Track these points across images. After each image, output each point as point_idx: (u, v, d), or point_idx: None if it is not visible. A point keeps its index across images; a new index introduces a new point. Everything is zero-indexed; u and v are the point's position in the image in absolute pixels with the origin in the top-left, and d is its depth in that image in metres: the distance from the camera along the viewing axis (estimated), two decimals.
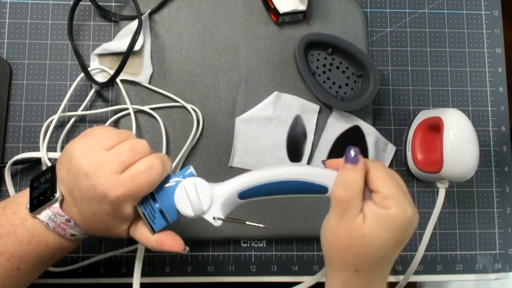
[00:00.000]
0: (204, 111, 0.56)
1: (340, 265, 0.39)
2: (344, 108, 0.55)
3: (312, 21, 0.58)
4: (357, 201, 0.37)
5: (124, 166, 0.37)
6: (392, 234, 0.37)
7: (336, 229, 0.38)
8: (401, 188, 0.39)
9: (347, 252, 0.38)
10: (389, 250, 0.38)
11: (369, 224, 0.37)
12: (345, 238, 0.38)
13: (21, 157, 0.52)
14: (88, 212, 0.38)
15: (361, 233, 0.37)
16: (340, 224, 0.38)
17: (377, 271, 0.39)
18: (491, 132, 0.60)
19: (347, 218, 0.37)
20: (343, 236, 0.38)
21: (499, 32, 0.61)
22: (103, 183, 0.36)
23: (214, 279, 0.55)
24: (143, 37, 0.55)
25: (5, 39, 0.56)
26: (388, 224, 0.37)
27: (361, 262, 0.38)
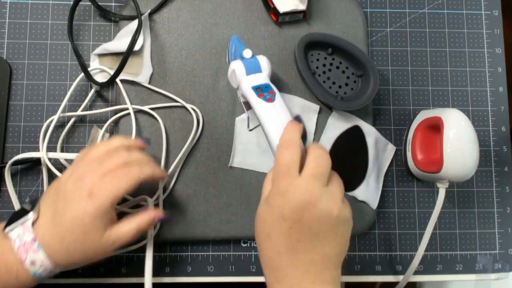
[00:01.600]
0: (204, 111, 0.56)
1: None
2: (344, 108, 0.55)
3: (312, 21, 0.58)
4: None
5: (106, 170, 0.41)
6: (269, 208, 0.39)
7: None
8: (289, 168, 0.39)
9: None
10: (270, 224, 0.39)
11: (261, 202, 0.42)
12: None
13: (21, 157, 0.52)
14: (69, 217, 0.40)
15: (257, 210, 0.42)
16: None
17: (268, 245, 0.39)
18: (491, 132, 0.60)
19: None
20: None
21: (499, 32, 0.61)
22: (89, 183, 0.40)
23: (214, 279, 0.55)
24: (143, 37, 0.55)
25: (5, 39, 0.56)
26: (267, 200, 0.40)
27: (256, 239, 0.41)
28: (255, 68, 0.50)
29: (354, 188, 0.55)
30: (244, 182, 0.55)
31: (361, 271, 0.56)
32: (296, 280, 0.38)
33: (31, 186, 0.54)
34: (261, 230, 0.40)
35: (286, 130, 0.43)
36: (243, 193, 0.55)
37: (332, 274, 0.39)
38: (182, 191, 0.54)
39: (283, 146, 0.41)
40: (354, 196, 0.55)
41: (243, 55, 0.51)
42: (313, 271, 0.38)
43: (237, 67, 0.49)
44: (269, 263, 0.39)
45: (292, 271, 0.38)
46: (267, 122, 0.45)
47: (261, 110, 0.46)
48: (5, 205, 0.54)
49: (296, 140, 0.41)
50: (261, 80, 0.49)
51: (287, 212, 0.38)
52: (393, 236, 0.57)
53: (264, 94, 0.46)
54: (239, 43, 0.52)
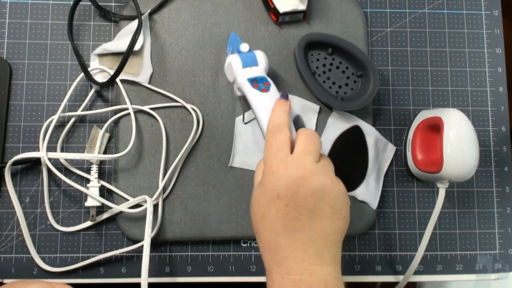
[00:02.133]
0: (204, 111, 0.56)
1: None
2: (344, 108, 0.55)
3: (312, 21, 0.58)
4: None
5: None
6: (263, 189, 0.39)
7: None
8: (280, 148, 0.39)
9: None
10: (266, 205, 0.38)
11: (255, 186, 0.42)
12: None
13: (21, 157, 0.51)
14: None
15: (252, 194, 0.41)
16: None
17: (265, 227, 0.38)
18: (491, 132, 0.60)
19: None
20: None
21: (499, 32, 0.61)
22: None
23: (214, 279, 0.55)
24: (143, 37, 0.55)
25: (5, 39, 0.56)
26: (261, 182, 0.40)
27: (253, 223, 0.40)
28: (252, 62, 0.50)
29: (354, 188, 0.55)
30: (244, 182, 0.55)
31: (361, 271, 0.56)
32: (296, 261, 0.36)
33: (31, 186, 0.54)
34: (256, 212, 0.39)
35: (274, 112, 0.43)
36: (243, 193, 0.55)
37: (332, 253, 0.38)
38: (182, 191, 0.54)
39: (272, 129, 0.41)
40: (354, 196, 0.55)
41: (240, 49, 0.51)
42: (312, 251, 0.37)
43: (234, 60, 0.50)
44: (267, 245, 0.38)
45: (291, 252, 0.37)
46: (260, 111, 0.45)
47: (255, 99, 0.46)
48: (5, 205, 0.54)
49: (284, 122, 0.41)
50: (257, 73, 0.49)
51: (281, 189, 0.37)
52: (393, 236, 0.57)
53: (259, 85, 0.47)
54: (236, 39, 0.52)
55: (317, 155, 0.40)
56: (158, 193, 0.53)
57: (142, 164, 0.54)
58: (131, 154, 0.54)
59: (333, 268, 0.38)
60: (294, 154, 0.39)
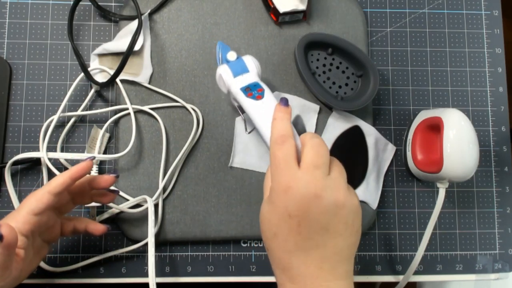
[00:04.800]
0: (204, 111, 0.56)
1: None
2: (344, 108, 0.55)
3: (312, 21, 0.58)
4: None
5: None
6: (273, 207, 0.38)
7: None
8: (287, 162, 0.38)
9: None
10: (277, 224, 0.37)
11: (263, 201, 0.40)
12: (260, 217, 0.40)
13: (21, 157, 0.51)
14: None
15: (260, 210, 0.40)
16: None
17: (277, 246, 0.37)
18: (491, 132, 0.60)
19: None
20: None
21: (499, 32, 0.61)
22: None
23: (214, 279, 0.55)
24: (143, 37, 0.55)
25: (5, 39, 0.56)
26: (269, 199, 0.39)
27: (264, 241, 0.39)
28: (242, 69, 0.49)
29: (354, 188, 0.55)
30: (244, 182, 0.55)
31: (361, 271, 0.56)
32: (310, 278, 0.36)
33: (31, 186, 0.54)
34: (267, 230, 0.38)
35: (276, 122, 0.40)
36: (243, 193, 0.55)
37: (345, 268, 0.37)
38: (182, 191, 0.54)
39: (276, 141, 0.39)
40: None
41: (227, 58, 0.50)
42: (326, 267, 0.36)
43: (223, 71, 0.49)
44: (279, 263, 0.37)
45: (305, 269, 0.36)
46: (258, 120, 0.45)
47: (251, 109, 0.45)
48: (5, 205, 0.54)
49: (287, 132, 0.39)
50: (250, 80, 0.48)
51: (292, 209, 0.36)
52: (393, 236, 0.57)
53: (253, 93, 0.46)
54: (224, 47, 0.51)
55: (326, 168, 0.38)
56: (158, 193, 0.53)
57: (142, 164, 0.54)
58: (131, 154, 0.54)
59: (347, 282, 0.37)
60: (303, 168, 0.37)
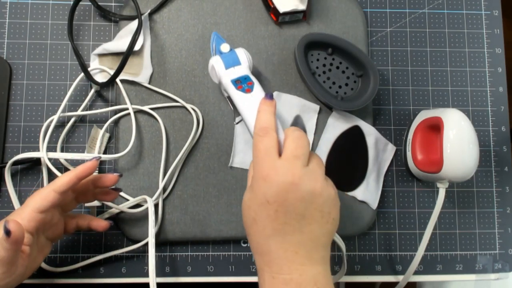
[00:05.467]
0: (204, 111, 0.56)
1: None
2: (344, 108, 0.55)
3: (312, 21, 0.58)
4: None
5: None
6: (253, 194, 0.39)
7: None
8: (268, 151, 0.39)
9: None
10: (256, 210, 0.39)
11: (246, 189, 0.42)
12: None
13: (21, 157, 0.51)
14: None
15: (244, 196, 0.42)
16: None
17: (256, 231, 0.39)
18: (491, 132, 0.60)
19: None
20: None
21: (499, 32, 0.61)
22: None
23: (214, 279, 0.55)
24: (143, 37, 0.55)
25: (5, 39, 0.56)
26: (251, 187, 0.40)
27: (245, 226, 0.41)
28: (234, 62, 0.49)
29: (354, 188, 0.55)
30: (244, 182, 0.55)
31: (361, 271, 0.56)
32: (286, 262, 0.38)
33: (31, 186, 0.54)
34: (247, 216, 0.40)
35: (259, 114, 0.42)
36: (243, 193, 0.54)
37: (321, 254, 0.39)
38: (182, 191, 0.54)
39: (259, 133, 0.40)
40: (354, 196, 0.55)
41: (221, 50, 0.51)
42: (302, 252, 0.38)
43: (216, 62, 0.49)
44: (258, 248, 0.39)
45: (281, 254, 0.38)
46: (245, 112, 0.45)
47: (240, 101, 0.46)
48: (5, 205, 0.54)
49: (271, 124, 0.40)
50: (241, 72, 0.49)
51: (271, 195, 0.38)
52: (393, 236, 0.57)
53: (243, 86, 0.47)
54: (218, 39, 0.52)
55: (305, 159, 0.39)
56: (158, 193, 0.53)
57: (142, 164, 0.54)
58: (131, 154, 0.54)
59: (323, 267, 0.39)
60: (283, 158, 0.39)
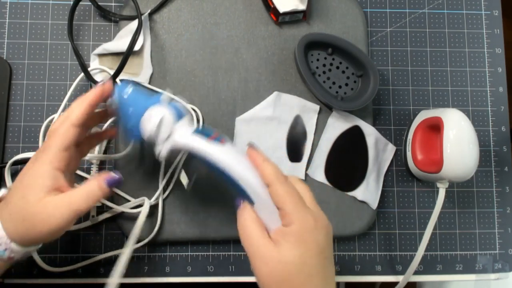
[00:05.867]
0: (204, 111, 0.56)
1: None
2: (344, 108, 0.55)
3: (312, 21, 0.58)
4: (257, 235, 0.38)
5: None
6: (307, 248, 0.36)
7: (257, 268, 0.37)
8: (300, 199, 0.38)
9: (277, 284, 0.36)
10: (311, 263, 0.37)
11: (279, 247, 0.36)
12: (267, 271, 0.36)
13: (21, 157, 0.51)
14: (14, 184, 0.39)
15: (277, 260, 0.36)
16: (255, 262, 0.37)
17: (309, 284, 0.37)
18: (491, 132, 0.60)
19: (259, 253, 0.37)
20: (265, 271, 0.37)
21: (499, 32, 0.61)
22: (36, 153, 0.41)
23: (214, 279, 0.55)
24: (143, 37, 0.55)
25: (5, 39, 0.56)
26: (297, 241, 0.36)
27: (293, 285, 0.36)
28: (179, 112, 0.42)
29: (354, 188, 0.55)
30: None
31: (361, 271, 0.56)
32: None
33: None
34: (299, 273, 0.36)
35: (265, 165, 0.40)
36: None
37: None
38: (182, 191, 0.54)
39: (281, 180, 0.38)
40: (354, 196, 0.55)
41: (160, 99, 0.42)
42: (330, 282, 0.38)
43: (166, 114, 0.41)
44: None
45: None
46: (234, 165, 0.40)
47: (221, 155, 0.40)
48: None
49: (280, 171, 0.40)
50: (193, 125, 0.43)
51: (324, 243, 0.37)
52: (393, 236, 0.57)
53: (214, 137, 0.41)
54: (123, 86, 0.44)
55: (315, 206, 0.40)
56: (158, 193, 0.53)
57: (142, 165, 0.54)
58: (131, 154, 0.54)
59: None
60: (312, 206, 0.39)
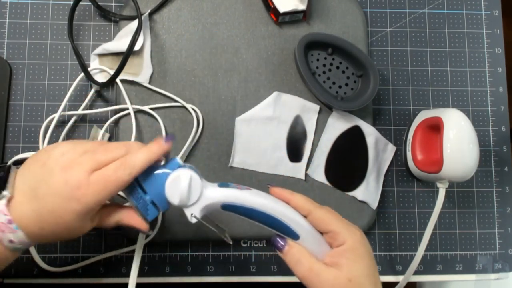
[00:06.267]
0: (204, 111, 0.56)
1: None
2: (344, 108, 0.55)
3: (312, 21, 0.58)
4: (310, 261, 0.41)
5: (97, 165, 0.38)
6: (365, 259, 0.40)
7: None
8: (340, 217, 0.42)
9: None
10: (374, 272, 0.41)
11: (341, 267, 0.39)
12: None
13: (21, 157, 0.51)
14: (49, 208, 0.37)
15: (345, 279, 0.39)
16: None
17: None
18: (491, 132, 0.60)
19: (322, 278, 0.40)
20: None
21: (499, 32, 0.61)
22: (75, 179, 0.37)
23: (214, 279, 0.55)
24: (143, 37, 0.55)
25: (5, 39, 0.56)
26: (356, 255, 0.40)
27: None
28: (197, 170, 0.42)
29: (354, 188, 0.55)
30: (244, 182, 0.55)
31: None
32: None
33: None
34: (369, 285, 0.40)
35: (297, 198, 0.42)
36: None
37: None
38: None
39: (327, 214, 0.41)
40: (354, 196, 0.55)
41: (178, 163, 0.41)
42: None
43: (192, 174, 0.40)
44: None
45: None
46: (272, 204, 0.40)
47: (257, 197, 0.40)
48: None
49: (315, 202, 0.42)
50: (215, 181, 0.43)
51: (370, 248, 0.42)
52: (393, 236, 0.57)
53: (239, 187, 0.41)
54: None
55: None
56: None
57: None
58: None
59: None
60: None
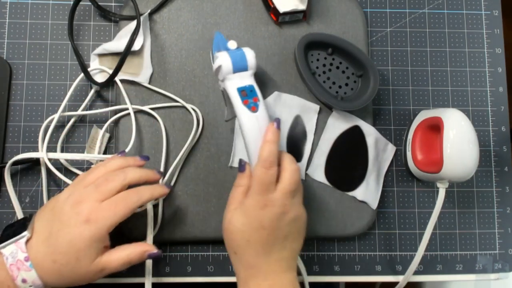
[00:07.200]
0: (204, 111, 0.56)
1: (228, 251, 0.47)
2: (344, 108, 0.55)
3: (312, 21, 0.58)
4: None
5: (103, 195, 0.43)
6: (248, 220, 0.44)
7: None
8: (262, 186, 0.44)
9: (225, 238, 0.46)
10: (250, 233, 0.44)
11: (232, 212, 0.45)
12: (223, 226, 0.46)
13: (21, 157, 0.52)
14: (62, 238, 0.41)
15: (228, 219, 0.45)
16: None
17: (248, 251, 0.44)
18: (491, 132, 0.60)
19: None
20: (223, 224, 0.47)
21: (499, 32, 0.61)
22: (86, 207, 0.42)
23: (214, 279, 0.55)
24: (143, 37, 0.55)
25: (5, 39, 0.56)
26: (244, 212, 0.44)
27: (233, 245, 0.45)
28: (242, 65, 0.47)
29: (354, 188, 0.55)
30: None
31: (361, 271, 0.56)
32: (271, 272, 0.44)
33: (31, 186, 0.54)
34: (240, 238, 0.44)
35: (267, 145, 0.44)
36: None
37: (295, 263, 0.47)
38: (182, 191, 0.54)
39: (264, 165, 0.44)
40: (354, 196, 0.55)
41: (228, 46, 0.48)
42: (284, 264, 0.45)
43: (224, 62, 0.46)
44: (246, 263, 0.45)
45: (268, 267, 0.44)
46: (248, 134, 0.45)
47: (244, 119, 0.45)
48: (5, 205, 0.54)
49: (275, 157, 0.44)
50: (247, 81, 0.47)
51: (266, 222, 0.44)
52: (393, 236, 0.57)
53: (249, 101, 0.45)
54: (222, 39, 0.49)
55: (295, 192, 0.45)
56: None
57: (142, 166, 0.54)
58: (131, 154, 0.54)
59: (295, 273, 0.46)
60: (278, 191, 0.44)
